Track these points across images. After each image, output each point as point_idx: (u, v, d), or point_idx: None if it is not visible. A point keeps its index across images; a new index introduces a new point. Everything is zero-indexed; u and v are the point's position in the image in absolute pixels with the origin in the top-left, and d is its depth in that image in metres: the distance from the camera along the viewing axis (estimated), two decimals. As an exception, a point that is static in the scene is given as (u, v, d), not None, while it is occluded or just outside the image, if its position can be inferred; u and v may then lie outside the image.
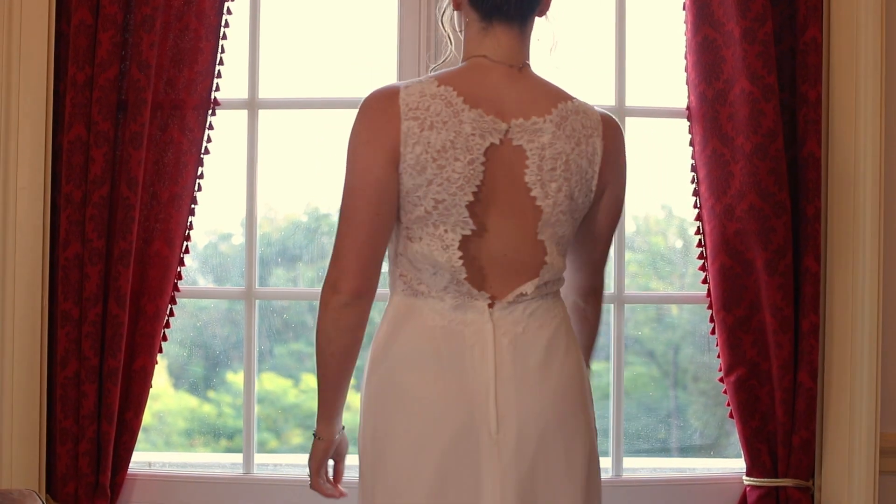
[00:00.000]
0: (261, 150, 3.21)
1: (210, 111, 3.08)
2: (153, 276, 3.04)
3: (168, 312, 3.09)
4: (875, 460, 3.08)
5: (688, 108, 3.13)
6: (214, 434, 3.51)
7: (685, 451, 3.47)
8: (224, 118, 3.16)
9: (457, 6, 2.28)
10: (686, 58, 3.11)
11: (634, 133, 3.20)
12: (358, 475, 2.30)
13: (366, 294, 2.19)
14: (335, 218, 2.79)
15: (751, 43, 2.98)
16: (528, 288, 2.21)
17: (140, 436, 3.08)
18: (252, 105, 3.18)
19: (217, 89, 3.09)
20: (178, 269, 3.09)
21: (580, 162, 2.20)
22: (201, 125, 3.06)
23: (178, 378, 3.49)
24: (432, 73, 2.23)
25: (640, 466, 3.37)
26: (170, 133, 3.05)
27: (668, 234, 3.51)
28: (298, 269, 3.45)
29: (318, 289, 2.23)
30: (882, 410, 3.13)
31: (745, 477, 3.11)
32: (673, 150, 3.24)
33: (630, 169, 2.38)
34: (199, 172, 3.08)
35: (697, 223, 3.13)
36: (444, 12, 2.36)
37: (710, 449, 3.47)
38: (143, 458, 3.27)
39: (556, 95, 2.23)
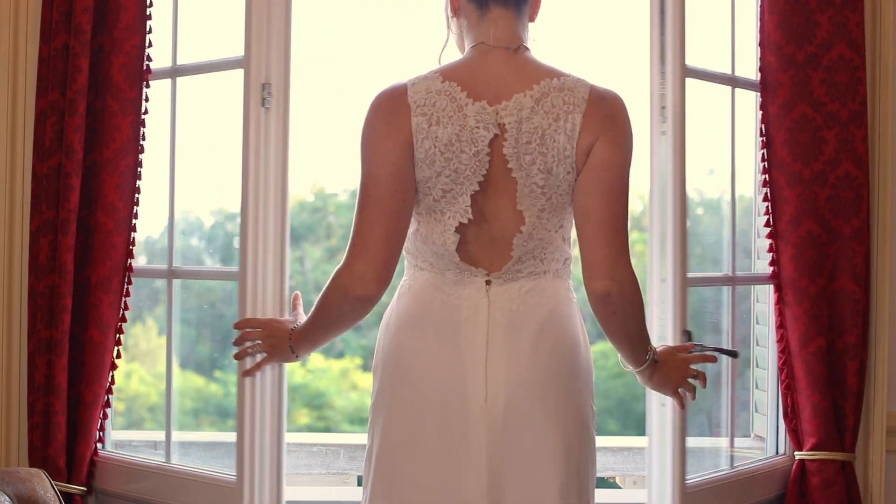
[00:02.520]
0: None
1: (143, 69, 2.98)
2: (96, 246, 3.01)
3: (126, 281, 3.02)
4: (883, 439, 3.10)
5: (761, 69, 3.08)
6: (221, 414, 3.51)
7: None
8: (229, 95, 3.11)
9: (455, 12, 2.39)
10: (760, 18, 3.06)
11: (639, 115, 3.17)
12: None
13: (381, 292, 2.30)
14: (341, 198, 2.81)
15: (852, 11, 3.00)
16: (511, 260, 2.29)
17: (147, 415, 3.07)
18: (174, 73, 3.04)
19: (150, 45, 3.00)
20: (131, 236, 3.01)
21: (558, 137, 2.24)
22: (132, 85, 2.98)
23: (185, 358, 3.50)
24: (437, 68, 2.32)
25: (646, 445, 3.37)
26: (103, 98, 3.01)
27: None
28: (304, 249, 3.45)
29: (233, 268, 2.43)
30: (889, 389, 3.15)
31: (806, 453, 3.05)
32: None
33: (634, 150, 2.34)
34: (139, 134, 2.99)
35: (765, 189, 3.10)
36: (443, 50, 2.43)
37: (717, 428, 3.46)
38: (151, 438, 3.27)
39: (541, 73, 2.29)
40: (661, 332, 2.76)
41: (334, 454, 3.36)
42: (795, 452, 3.08)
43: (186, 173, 3.05)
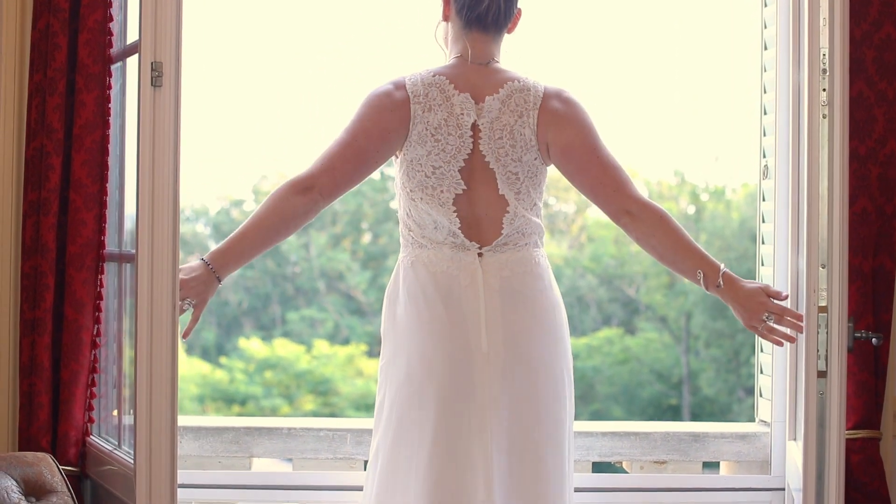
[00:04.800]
0: (273, 118, 3.19)
1: (105, 44, 3.00)
2: (70, 222, 3.02)
3: (98, 258, 3.03)
4: (889, 422, 3.12)
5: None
6: (226, 400, 3.52)
7: (696, 416, 3.48)
8: (233, 80, 3.12)
9: (445, 18, 2.88)
10: None
11: (644, 101, 3.18)
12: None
13: (325, 205, 2.77)
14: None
15: None
16: (501, 236, 2.78)
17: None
18: (123, 53, 3.03)
19: (111, 20, 3.01)
20: (103, 213, 3.02)
21: (523, 131, 2.78)
22: (95, 60, 3.00)
23: (191, 344, 3.51)
24: (428, 69, 2.81)
25: (654, 430, 3.40)
26: (75, 75, 3.02)
27: (680, 200, 3.51)
28: (310, 235, 3.46)
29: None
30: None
31: (847, 432, 3.01)
32: (685, 117, 3.23)
33: (640, 136, 2.42)
34: (105, 109, 3.01)
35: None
36: (437, 27, 2.90)
37: (722, 413, 3.48)
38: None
39: (506, 78, 2.82)
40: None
41: (341, 439, 3.36)
42: None
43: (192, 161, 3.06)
